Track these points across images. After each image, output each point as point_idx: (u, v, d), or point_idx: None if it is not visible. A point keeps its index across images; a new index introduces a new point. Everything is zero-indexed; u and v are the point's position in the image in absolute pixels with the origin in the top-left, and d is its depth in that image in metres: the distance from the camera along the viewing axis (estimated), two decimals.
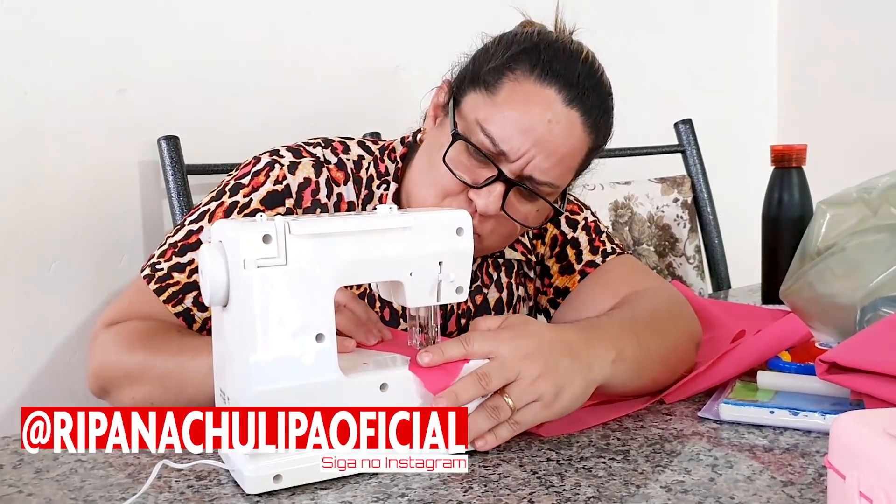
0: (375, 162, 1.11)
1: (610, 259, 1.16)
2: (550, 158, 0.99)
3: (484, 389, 0.79)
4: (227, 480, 0.76)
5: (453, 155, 1.00)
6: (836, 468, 0.59)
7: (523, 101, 0.99)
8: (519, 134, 0.98)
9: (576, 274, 1.15)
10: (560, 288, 1.17)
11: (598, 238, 1.18)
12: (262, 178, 1.04)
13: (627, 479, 0.75)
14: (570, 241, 1.18)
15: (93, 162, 1.42)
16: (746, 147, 2.21)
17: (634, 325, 0.96)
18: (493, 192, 0.99)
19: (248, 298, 0.72)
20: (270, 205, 1.03)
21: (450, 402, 0.77)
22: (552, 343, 0.84)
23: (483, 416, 0.80)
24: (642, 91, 2.11)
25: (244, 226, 0.73)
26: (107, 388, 0.99)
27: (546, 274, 1.19)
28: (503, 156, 0.98)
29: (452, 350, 0.80)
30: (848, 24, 2.23)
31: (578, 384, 0.84)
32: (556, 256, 1.18)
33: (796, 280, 1.23)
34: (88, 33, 1.41)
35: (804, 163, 1.45)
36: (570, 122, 0.99)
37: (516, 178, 0.99)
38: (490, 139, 0.98)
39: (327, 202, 1.06)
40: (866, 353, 0.86)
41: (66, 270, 1.41)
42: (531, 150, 0.98)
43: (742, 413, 0.88)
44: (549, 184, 1.01)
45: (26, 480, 0.78)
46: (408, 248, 0.79)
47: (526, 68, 1.00)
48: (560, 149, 0.99)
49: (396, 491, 0.74)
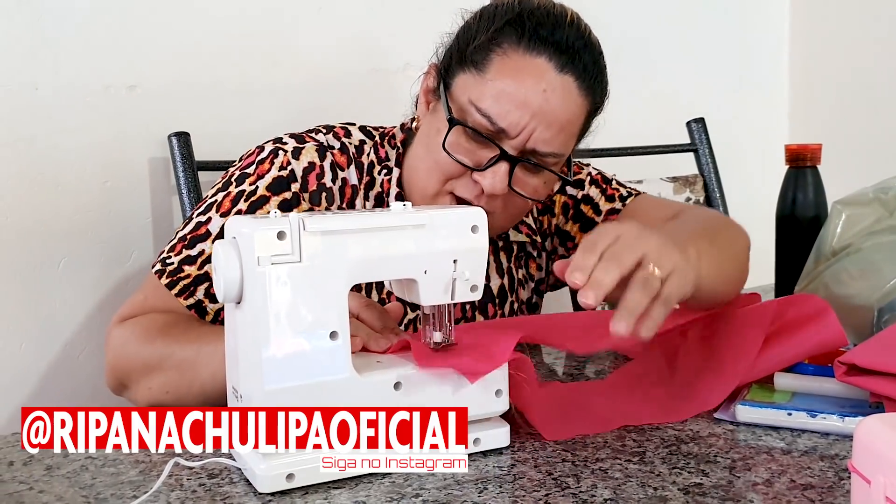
0: (376, 147, 1.11)
1: (629, 201, 1.15)
2: (551, 128, 0.97)
3: (621, 266, 0.75)
4: (239, 479, 0.76)
5: (452, 139, 1.00)
6: (860, 472, 0.58)
7: (515, 73, 0.97)
8: (516, 108, 0.96)
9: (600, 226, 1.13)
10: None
11: (608, 186, 1.17)
12: (266, 165, 1.04)
13: (644, 482, 0.74)
14: (581, 199, 1.17)
15: (103, 158, 1.42)
16: (759, 146, 2.20)
17: (692, 233, 0.93)
18: (498, 172, 0.97)
19: (262, 295, 0.71)
20: (276, 190, 1.03)
21: (594, 290, 0.73)
22: (643, 228, 0.81)
23: (638, 291, 0.75)
24: (654, 90, 2.11)
25: (258, 222, 0.72)
26: (124, 381, 0.99)
27: (568, 238, 1.17)
28: (503, 133, 0.97)
29: (588, 258, 0.75)
30: (860, 21, 2.21)
31: (690, 254, 0.82)
32: (572, 219, 1.17)
33: (811, 281, 1.22)
34: (98, 30, 1.40)
35: (819, 162, 1.44)
36: (566, 89, 0.98)
37: (519, 153, 0.98)
38: (487, 118, 0.97)
39: (332, 186, 1.06)
40: (886, 355, 0.85)
41: (76, 267, 1.40)
42: (530, 122, 0.96)
43: (759, 415, 0.87)
44: (552, 154, 1.00)
45: (37, 477, 0.77)
46: (422, 246, 0.78)
47: (512, 40, 0.98)
48: (560, 117, 0.98)
49: (410, 491, 0.73)
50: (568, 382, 1.03)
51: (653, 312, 0.77)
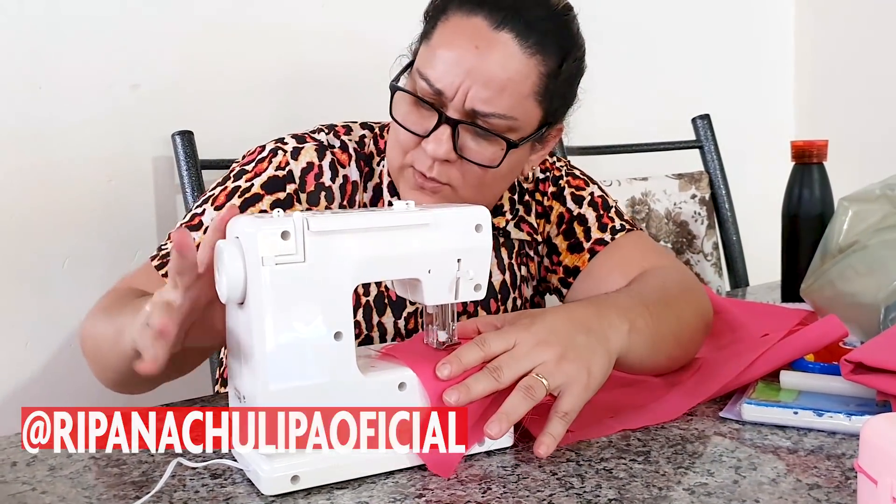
0: (376, 139, 1.12)
1: (620, 236, 1.13)
2: (489, 87, 0.96)
3: (496, 381, 0.77)
4: (242, 479, 0.75)
5: (402, 110, 1.01)
6: (866, 472, 0.58)
7: (452, 35, 0.98)
8: (450, 68, 0.97)
9: (585, 252, 1.13)
10: (570, 267, 1.15)
11: (605, 214, 1.15)
12: (265, 164, 1.05)
13: (649, 481, 0.74)
14: (576, 217, 1.16)
15: (107, 157, 1.42)
16: (764, 143, 2.19)
17: (644, 300, 0.94)
18: (441, 136, 0.98)
19: (266, 295, 0.71)
20: (271, 189, 1.04)
21: (462, 395, 0.75)
22: (564, 324, 0.83)
23: (519, 397, 0.76)
24: (660, 87, 2.11)
25: (262, 222, 0.72)
26: (87, 357, 0.99)
27: (554, 252, 1.17)
28: (442, 96, 0.98)
29: (470, 356, 0.78)
30: (866, 17, 2.20)
31: (601, 355, 0.83)
32: (563, 234, 1.16)
33: (817, 278, 1.21)
34: (102, 28, 1.40)
35: (825, 159, 1.43)
36: (502, 46, 0.97)
37: (461, 116, 0.98)
38: (426, 81, 0.98)
39: (332, 185, 1.06)
40: (893, 353, 0.84)
41: (80, 265, 1.40)
42: (465, 81, 0.96)
43: (765, 414, 0.87)
44: (497, 115, 0.98)
45: (40, 478, 0.77)
46: (426, 246, 0.78)
47: (454, 5, 1.00)
48: (497, 75, 0.96)
49: (413, 491, 0.73)
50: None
51: (550, 429, 0.77)
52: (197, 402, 0.97)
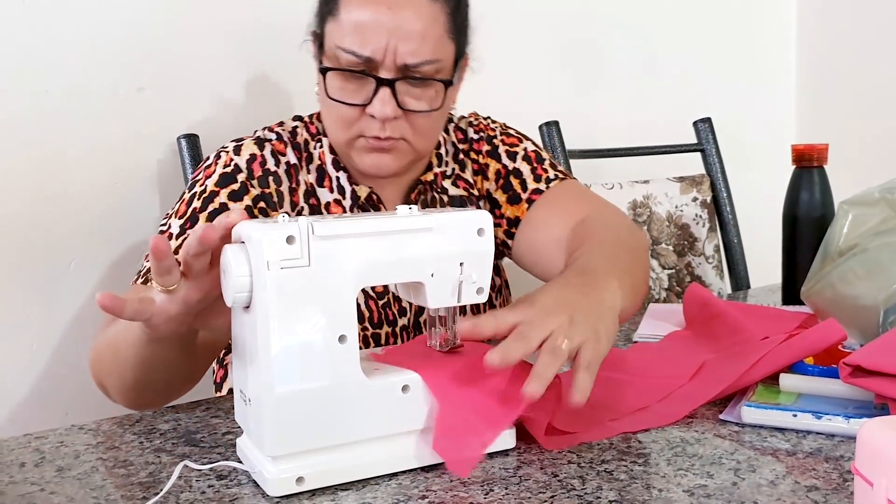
0: (307, 126, 1.19)
1: (554, 184, 1.21)
2: (412, 40, 1.04)
3: (527, 344, 0.78)
4: (247, 481, 0.76)
5: (335, 86, 1.07)
6: (862, 475, 0.59)
7: (359, 4, 1.05)
8: (372, 34, 1.03)
9: (523, 203, 1.21)
10: (511, 218, 1.22)
11: (539, 166, 1.23)
12: (212, 167, 1.13)
13: (649, 483, 0.75)
14: (512, 171, 1.23)
15: (112, 160, 1.43)
16: (766, 146, 2.20)
17: (611, 256, 0.99)
18: (384, 98, 1.05)
19: (272, 299, 0.72)
20: (224, 184, 1.10)
21: (503, 356, 0.76)
22: (564, 293, 0.85)
23: (546, 360, 0.78)
24: (661, 90, 2.11)
25: (268, 227, 0.73)
26: (101, 385, 1.02)
27: (496, 206, 1.23)
28: (371, 62, 1.04)
29: (486, 323, 0.80)
30: (867, 21, 2.21)
31: (606, 312, 0.86)
32: (501, 188, 1.23)
33: (818, 281, 1.22)
34: (108, 32, 1.41)
35: (826, 162, 1.44)
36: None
37: (395, 74, 1.05)
38: (352, 53, 1.04)
39: (277, 169, 1.13)
40: (891, 356, 0.85)
41: (86, 268, 1.41)
42: (389, 41, 1.03)
43: (764, 416, 0.87)
44: (425, 62, 1.06)
45: (48, 478, 0.78)
46: (429, 250, 0.79)
47: None
48: (415, 27, 1.04)
49: (416, 493, 0.74)
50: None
51: (578, 382, 0.79)
52: (202, 405, 0.98)
